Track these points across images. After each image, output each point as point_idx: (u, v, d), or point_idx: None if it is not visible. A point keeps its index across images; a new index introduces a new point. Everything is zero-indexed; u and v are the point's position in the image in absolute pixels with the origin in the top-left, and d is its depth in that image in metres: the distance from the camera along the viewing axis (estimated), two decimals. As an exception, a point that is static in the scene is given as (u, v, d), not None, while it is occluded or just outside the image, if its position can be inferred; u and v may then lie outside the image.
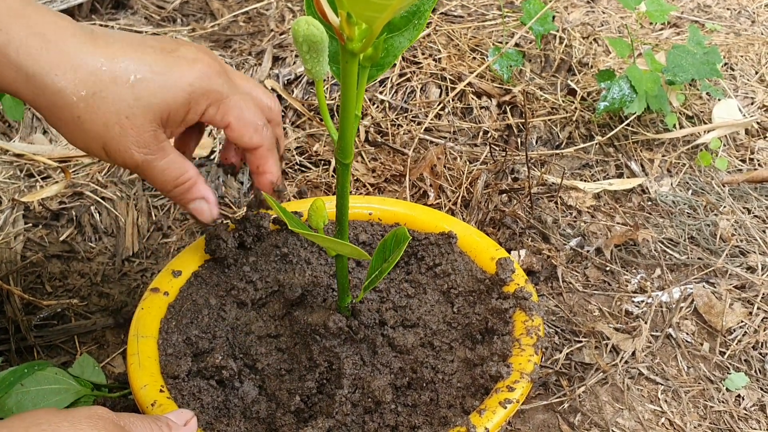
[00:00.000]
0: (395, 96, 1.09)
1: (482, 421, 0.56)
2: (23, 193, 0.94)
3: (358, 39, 0.45)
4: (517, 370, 0.61)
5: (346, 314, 0.66)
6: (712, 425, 0.75)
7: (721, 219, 0.98)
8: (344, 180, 0.55)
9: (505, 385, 0.59)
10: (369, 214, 0.78)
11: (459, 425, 0.56)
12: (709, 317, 0.85)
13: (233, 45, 1.22)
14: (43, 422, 0.45)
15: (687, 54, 1.02)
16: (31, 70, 0.53)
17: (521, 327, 0.65)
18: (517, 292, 0.67)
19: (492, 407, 0.57)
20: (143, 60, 0.56)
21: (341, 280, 0.63)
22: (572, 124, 1.09)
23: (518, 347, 0.63)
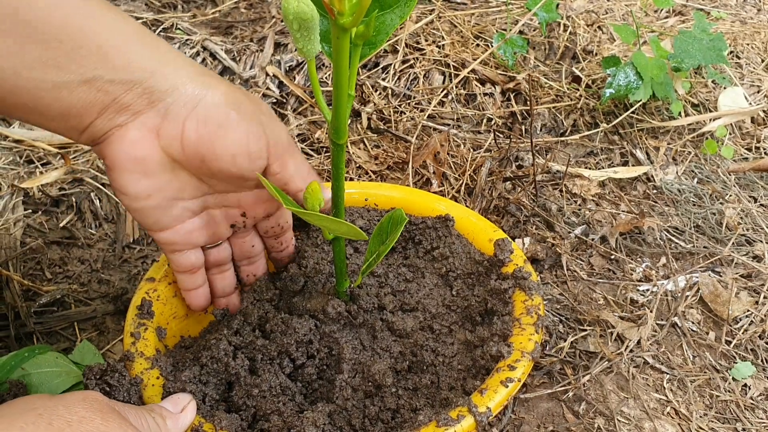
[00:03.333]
0: (398, 83, 1.07)
1: (484, 401, 0.55)
2: (23, 179, 0.93)
3: (348, 13, 0.44)
4: (517, 350, 0.60)
5: (344, 299, 0.65)
6: (718, 414, 0.75)
7: (727, 207, 0.97)
8: (339, 161, 0.54)
9: (506, 365, 0.59)
10: (365, 200, 0.76)
11: (461, 405, 0.55)
12: (715, 306, 0.85)
13: (234, 32, 1.21)
14: (38, 407, 0.44)
15: (693, 40, 1.00)
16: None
17: (521, 306, 0.65)
18: (516, 273, 0.67)
19: (493, 387, 0.57)
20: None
21: (339, 264, 0.63)
22: (577, 111, 1.08)
23: (518, 327, 0.63)
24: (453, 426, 0.54)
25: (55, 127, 0.54)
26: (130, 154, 0.55)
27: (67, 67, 0.50)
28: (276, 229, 0.67)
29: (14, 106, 0.51)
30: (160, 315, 0.65)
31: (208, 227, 0.62)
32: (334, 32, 0.45)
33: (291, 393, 0.61)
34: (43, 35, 0.49)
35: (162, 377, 0.59)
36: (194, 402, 0.56)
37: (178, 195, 0.58)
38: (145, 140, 0.55)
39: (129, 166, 0.55)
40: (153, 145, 0.55)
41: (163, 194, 0.57)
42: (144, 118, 0.54)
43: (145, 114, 0.54)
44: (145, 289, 0.66)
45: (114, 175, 0.56)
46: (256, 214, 0.64)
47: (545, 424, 0.72)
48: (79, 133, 0.54)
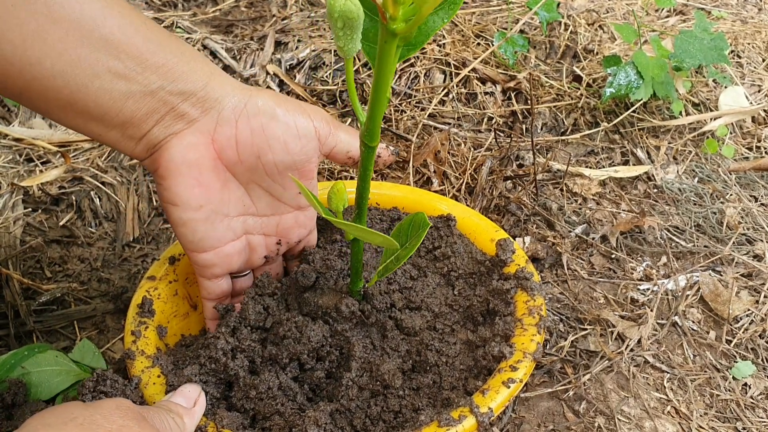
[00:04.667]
0: (399, 81, 1.07)
1: (485, 401, 0.55)
2: (23, 177, 0.93)
3: (401, 19, 0.42)
4: (519, 350, 0.60)
5: (357, 298, 0.65)
6: (719, 414, 0.75)
7: (727, 207, 0.97)
8: (369, 163, 0.53)
9: (508, 365, 0.59)
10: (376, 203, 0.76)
11: (462, 406, 0.55)
12: (716, 305, 0.84)
13: (235, 30, 1.21)
14: (78, 416, 0.44)
15: (694, 39, 1.00)
16: None
17: (523, 307, 0.64)
18: (518, 273, 0.67)
19: (495, 387, 0.57)
20: None
21: (356, 264, 0.62)
22: (577, 110, 1.08)
23: (520, 327, 0.63)
24: (454, 426, 0.54)
25: (113, 137, 0.56)
26: (187, 157, 0.57)
27: (134, 78, 0.53)
28: (301, 251, 0.69)
29: (76, 113, 0.54)
30: (160, 313, 0.65)
31: (245, 253, 0.64)
32: (382, 36, 0.44)
33: (293, 393, 0.61)
34: (114, 49, 0.52)
35: (163, 375, 0.59)
36: (203, 394, 0.56)
37: (226, 210, 0.60)
38: (201, 144, 0.57)
39: (184, 170, 0.57)
40: (208, 149, 0.58)
41: (212, 206, 0.59)
42: (199, 125, 0.57)
43: (200, 121, 0.57)
44: (146, 287, 0.66)
45: (167, 183, 0.57)
46: (290, 240, 0.66)
47: (545, 423, 0.71)
48: (135, 141, 0.56)
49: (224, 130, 0.57)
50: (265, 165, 0.59)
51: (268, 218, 0.64)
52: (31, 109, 0.56)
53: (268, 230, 0.64)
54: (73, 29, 0.51)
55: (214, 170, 0.58)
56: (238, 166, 0.59)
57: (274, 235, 0.65)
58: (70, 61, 0.51)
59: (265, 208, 0.63)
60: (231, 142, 0.58)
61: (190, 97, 0.56)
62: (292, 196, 0.63)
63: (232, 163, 0.59)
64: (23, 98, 0.53)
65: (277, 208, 0.64)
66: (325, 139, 0.61)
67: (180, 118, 0.56)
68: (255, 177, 0.60)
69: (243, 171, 0.60)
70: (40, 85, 0.51)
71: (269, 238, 0.65)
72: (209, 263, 0.62)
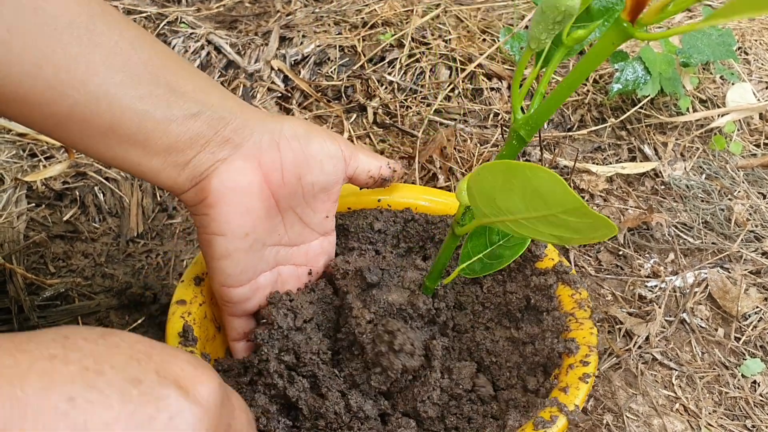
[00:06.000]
0: (404, 77, 1.07)
1: (570, 399, 0.55)
2: (26, 172, 0.93)
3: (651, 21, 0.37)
4: (584, 344, 0.59)
5: (429, 295, 0.63)
6: (728, 411, 0.74)
7: (735, 203, 0.96)
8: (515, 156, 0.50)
9: (578, 361, 0.58)
10: (378, 201, 0.74)
11: (549, 406, 0.54)
12: (724, 302, 0.84)
13: (239, 26, 1.20)
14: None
15: (702, 35, 1.00)
16: None
17: (570, 301, 0.63)
18: (556, 267, 0.66)
19: (574, 384, 0.56)
20: None
21: (443, 260, 0.59)
22: (584, 106, 1.07)
23: (575, 321, 0.62)
24: (550, 427, 0.53)
25: (155, 165, 0.54)
26: (238, 182, 0.56)
27: (175, 103, 0.53)
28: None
29: (119, 138, 0.52)
30: (201, 340, 0.61)
31: (277, 284, 0.63)
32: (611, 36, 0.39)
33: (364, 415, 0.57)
34: (152, 75, 0.52)
35: None
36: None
37: (266, 238, 0.60)
38: (250, 169, 0.57)
39: (236, 196, 0.56)
40: (256, 174, 0.57)
41: (256, 235, 0.58)
42: (245, 150, 0.57)
43: (245, 146, 0.57)
44: (180, 312, 0.60)
45: (216, 211, 0.56)
46: (319, 269, 0.66)
47: (553, 421, 0.71)
48: (180, 169, 0.55)
49: (270, 154, 0.57)
50: (304, 187, 0.59)
51: (298, 247, 0.64)
52: (67, 143, 0.54)
53: (298, 260, 0.64)
54: (114, 54, 0.51)
55: (260, 196, 0.58)
56: (282, 189, 0.59)
57: (305, 264, 0.65)
58: (115, 83, 0.51)
59: (295, 237, 0.63)
60: (277, 165, 0.58)
61: (229, 124, 0.56)
62: (320, 221, 0.63)
63: (277, 187, 0.58)
64: (60, 129, 0.51)
65: (306, 236, 0.64)
66: (349, 160, 0.62)
67: (225, 143, 0.56)
68: (293, 202, 0.60)
69: (285, 195, 0.59)
70: (83, 110, 0.50)
71: (300, 268, 0.65)
72: (243, 297, 0.60)
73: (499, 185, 0.42)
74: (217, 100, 0.56)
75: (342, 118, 1.02)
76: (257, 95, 1.05)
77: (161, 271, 0.83)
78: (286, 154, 0.58)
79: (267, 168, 0.58)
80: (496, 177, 0.42)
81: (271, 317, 0.60)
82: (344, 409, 0.57)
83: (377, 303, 0.61)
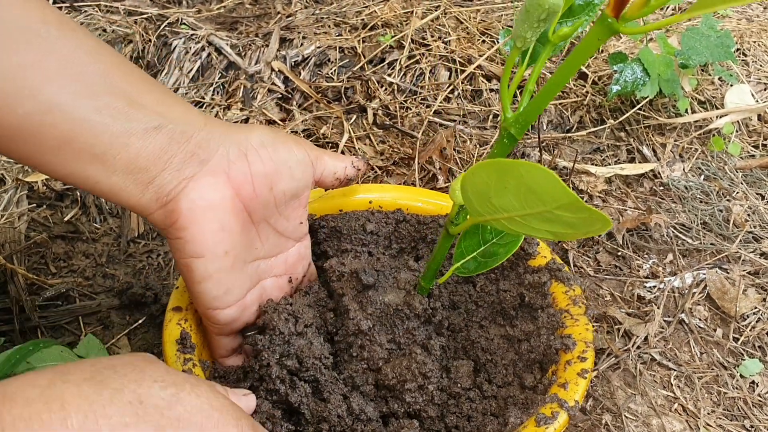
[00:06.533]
0: (404, 78, 1.07)
1: (570, 395, 0.55)
2: (27, 173, 0.93)
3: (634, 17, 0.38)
4: (580, 341, 0.60)
5: (425, 295, 0.63)
6: (726, 411, 0.74)
7: (734, 204, 0.96)
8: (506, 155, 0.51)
9: (576, 357, 0.58)
10: (369, 202, 0.74)
11: (549, 402, 0.55)
12: (722, 303, 0.84)
13: (239, 27, 1.20)
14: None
15: (701, 36, 1.00)
16: None
17: (565, 298, 0.64)
18: (549, 265, 0.66)
19: (573, 380, 0.57)
20: None
21: (438, 260, 0.59)
22: (583, 108, 1.07)
23: (570, 318, 0.62)
24: (552, 424, 0.53)
25: (116, 183, 0.51)
26: (209, 200, 0.53)
27: (134, 116, 0.50)
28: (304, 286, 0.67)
29: (75, 153, 0.49)
30: (199, 346, 0.60)
31: (261, 299, 0.61)
32: (597, 32, 0.40)
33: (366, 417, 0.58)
34: (110, 86, 0.50)
35: None
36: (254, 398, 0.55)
37: (246, 255, 0.58)
38: (220, 184, 0.54)
39: (209, 214, 0.54)
40: (227, 188, 0.55)
41: (236, 252, 0.56)
42: (212, 165, 0.54)
43: (212, 161, 0.54)
44: (176, 319, 0.60)
45: (190, 233, 0.53)
46: (298, 275, 0.65)
47: (552, 420, 0.71)
48: (143, 187, 0.52)
49: (239, 166, 0.55)
50: (276, 196, 0.58)
51: (276, 258, 0.62)
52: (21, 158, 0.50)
53: (277, 270, 0.63)
54: (70, 63, 0.48)
55: (233, 211, 0.55)
56: (254, 201, 0.57)
57: (285, 273, 0.63)
58: (70, 92, 0.48)
59: (272, 248, 0.61)
60: (247, 177, 0.55)
61: (193, 137, 0.53)
62: (295, 227, 0.62)
63: (249, 199, 0.56)
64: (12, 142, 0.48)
65: (283, 245, 0.62)
66: (315, 163, 0.60)
67: (190, 158, 0.53)
68: (266, 213, 0.59)
69: (257, 207, 0.57)
70: (35, 120, 0.47)
71: (281, 278, 0.63)
72: (231, 318, 0.58)
73: (494, 183, 0.42)
74: (180, 114, 0.53)
75: (342, 119, 1.02)
76: (257, 96, 1.06)
77: (162, 272, 0.83)
78: (256, 164, 0.56)
79: (237, 181, 0.55)
80: (490, 175, 0.42)
81: (272, 323, 0.59)
82: (346, 411, 0.57)
83: (374, 304, 0.61)
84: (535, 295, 0.65)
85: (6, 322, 0.76)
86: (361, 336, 0.60)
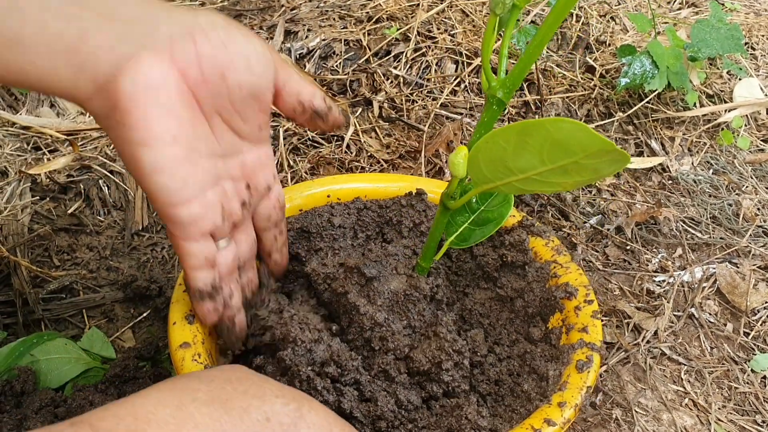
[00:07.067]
0: (410, 71, 1.06)
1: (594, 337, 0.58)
2: (30, 165, 0.92)
3: None
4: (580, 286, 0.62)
5: (424, 275, 0.62)
6: (737, 407, 0.74)
7: (743, 198, 0.95)
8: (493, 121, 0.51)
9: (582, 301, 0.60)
10: (327, 197, 0.71)
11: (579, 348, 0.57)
12: (733, 297, 0.83)
13: (243, 20, 1.19)
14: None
15: (711, 28, 0.99)
16: None
17: (547, 250, 0.65)
18: (523, 222, 0.67)
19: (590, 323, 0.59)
20: None
21: (436, 237, 0.59)
22: (591, 101, 1.06)
23: (560, 267, 0.64)
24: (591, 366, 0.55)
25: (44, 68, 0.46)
26: (151, 80, 0.48)
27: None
28: (276, 212, 0.61)
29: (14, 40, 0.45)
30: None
31: (224, 201, 0.55)
32: None
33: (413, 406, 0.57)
34: None
35: None
36: None
37: (200, 146, 0.52)
38: (162, 63, 0.49)
39: (151, 97, 0.48)
40: (171, 69, 0.49)
41: (187, 141, 0.51)
42: (153, 44, 0.48)
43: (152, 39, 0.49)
44: (189, 356, 0.56)
45: (133, 117, 0.48)
46: (258, 185, 0.58)
47: (562, 415, 0.70)
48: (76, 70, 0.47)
49: (183, 46, 0.49)
50: (229, 87, 0.51)
51: (232, 158, 0.56)
52: None
53: (234, 173, 0.56)
54: None
55: (180, 96, 0.50)
56: (202, 88, 0.51)
57: (242, 179, 0.57)
58: None
59: (228, 146, 0.55)
60: (192, 58, 0.49)
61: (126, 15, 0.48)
62: (253, 130, 0.55)
63: (197, 84, 0.50)
64: None
65: (239, 147, 0.56)
66: (279, 68, 0.54)
67: (125, 36, 0.47)
68: (218, 104, 0.52)
69: (207, 96, 0.51)
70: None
71: (238, 183, 0.57)
72: (195, 217, 0.52)
73: (512, 147, 0.43)
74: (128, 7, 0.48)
75: (348, 112, 1.01)
76: (262, 89, 1.05)
77: (166, 264, 0.82)
78: (203, 46, 0.50)
79: (182, 63, 0.49)
80: (508, 139, 0.43)
81: (290, 335, 0.56)
82: (396, 405, 0.56)
83: (381, 295, 0.60)
84: (516, 253, 0.65)
85: (9, 315, 0.75)
86: (378, 328, 0.58)
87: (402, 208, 0.70)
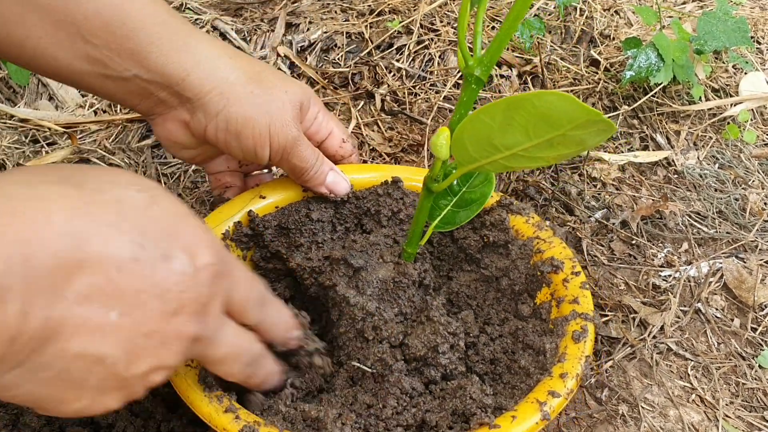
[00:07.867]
0: (413, 64, 1.05)
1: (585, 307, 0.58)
2: (28, 158, 0.91)
3: None
4: (566, 259, 0.62)
5: (410, 261, 0.61)
6: (745, 402, 0.72)
7: (750, 193, 0.94)
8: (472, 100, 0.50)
9: (570, 273, 0.61)
10: (303, 191, 0.70)
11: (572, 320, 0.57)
12: (740, 292, 0.82)
13: (244, 13, 1.18)
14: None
15: (718, 21, 0.98)
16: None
17: (528, 227, 0.66)
18: (501, 201, 0.67)
19: (580, 294, 0.59)
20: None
21: (421, 222, 0.58)
22: (596, 95, 1.05)
23: (543, 242, 0.64)
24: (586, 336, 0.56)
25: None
26: (170, 139, 0.66)
27: (110, 64, 0.58)
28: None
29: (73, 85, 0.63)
30: None
31: None
32: None
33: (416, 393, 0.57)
34: (89, 34, 0.56)
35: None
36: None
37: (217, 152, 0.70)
38: (179, 130, 0.65)
39: (170, 144, 0.67)
40: (186, 133, 0.65)
41: (206, 154, 0.69)
42: (176, 113, 0.63)
43: (177, 110, 0.63)
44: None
45: (163, 146, 0.73)
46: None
47: (567, 411, 0.69)
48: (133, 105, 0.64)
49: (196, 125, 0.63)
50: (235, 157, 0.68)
51: None
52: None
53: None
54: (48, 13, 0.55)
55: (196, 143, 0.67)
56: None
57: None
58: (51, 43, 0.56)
59: None
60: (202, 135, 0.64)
61: (167, 88, 0.61)
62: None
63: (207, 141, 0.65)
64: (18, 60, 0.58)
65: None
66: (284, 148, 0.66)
67: (160, 104, 0.62)
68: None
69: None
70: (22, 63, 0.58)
71: None
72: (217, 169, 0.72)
73: (498, 124, 0.43)
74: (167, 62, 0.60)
75: (349, 106, 1.00)
76: (263, 82, 1.03)
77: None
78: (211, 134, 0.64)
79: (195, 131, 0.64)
80: (494, 116, 0.43)
81: (303, 348, 0.56)
82: (400, 392, 0.56)
83: (370, 284, 0.60)
84: (497, 233, 0.65)
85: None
86: (370, 318, 0.58)
87: (379, 198, 0.69)
